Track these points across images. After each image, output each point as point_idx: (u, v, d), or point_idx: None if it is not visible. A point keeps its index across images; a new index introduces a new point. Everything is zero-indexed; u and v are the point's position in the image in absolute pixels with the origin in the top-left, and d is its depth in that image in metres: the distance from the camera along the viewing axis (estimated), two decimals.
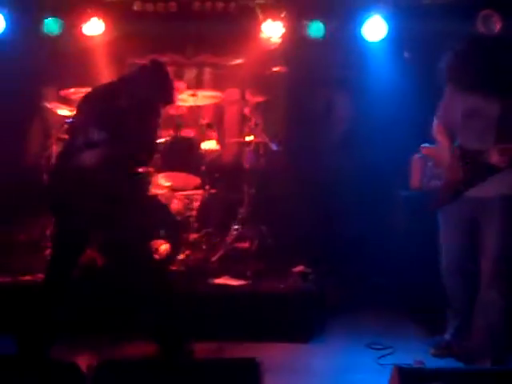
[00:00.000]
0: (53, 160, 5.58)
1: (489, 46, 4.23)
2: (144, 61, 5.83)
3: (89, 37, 6.45)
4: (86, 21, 6.38)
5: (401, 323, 4.93)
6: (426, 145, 4.47)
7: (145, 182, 5.30)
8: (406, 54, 6.38)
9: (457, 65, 4.17)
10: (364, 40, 6.36)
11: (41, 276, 5.19)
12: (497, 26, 5.93)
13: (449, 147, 4.26)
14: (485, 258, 4.14)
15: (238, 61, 6.65)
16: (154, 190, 5.53)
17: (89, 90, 5.24)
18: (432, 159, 4.43)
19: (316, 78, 6.57)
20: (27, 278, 5.28)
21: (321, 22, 6.40)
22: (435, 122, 4.43)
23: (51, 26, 6.35)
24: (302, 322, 4.89)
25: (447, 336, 4.50)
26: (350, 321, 5.16)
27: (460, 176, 4.16)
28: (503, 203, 4.09)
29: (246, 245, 5.57)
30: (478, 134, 4.14)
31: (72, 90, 6.04)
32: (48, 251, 5.43)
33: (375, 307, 5.36)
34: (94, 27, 6.41)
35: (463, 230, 4.27)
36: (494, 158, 4.03)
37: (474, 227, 4.20)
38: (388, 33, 6.30)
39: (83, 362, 3.32)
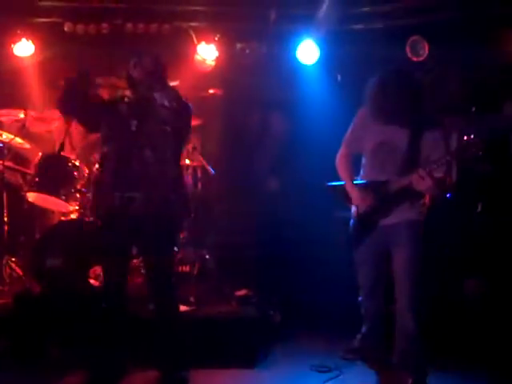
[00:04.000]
0: None
1: (408, 75, 4.28)
2: None
3: (20, 58, 6.32)
4: (16, 42, 6.25)
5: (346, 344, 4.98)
6: (332, 183, 4.54)
7: None
8: (338, 77, 6.52)
9: (376, 93, 4.24)
10: (298, 63, 6.49)
11: None
12: (424, 52, 6.17)
13: (349, 183, 4.36)
14: (397, 285, 4.26)
15: (174, 83, 6.58)
16: None
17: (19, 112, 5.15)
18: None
19: (251, 100, 6.63)
20: None
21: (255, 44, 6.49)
22: (341, 148, 4.49)
23: None
24: (246, 347, 4.86)
25: (355, 341, 4.65)
26: (295, 344, 5.18)
27: (367, 208, 4.28)
28: (408, 228, 4.22)
29: (187, 269, 5.52)
30: (384, 164, 4.24)
31: (3, 111, 5.87)
32: None
33: (320, 329, 5.39)
34: (24, 48, 6.29)
35: (375, 263, 4.40)
36: (396, 186, 4.15)
37: (385, 257, 4.33)
38: (321, 56, 6.46)
39: None
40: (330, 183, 4.56)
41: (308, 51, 6.46)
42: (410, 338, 4.23)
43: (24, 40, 6.25)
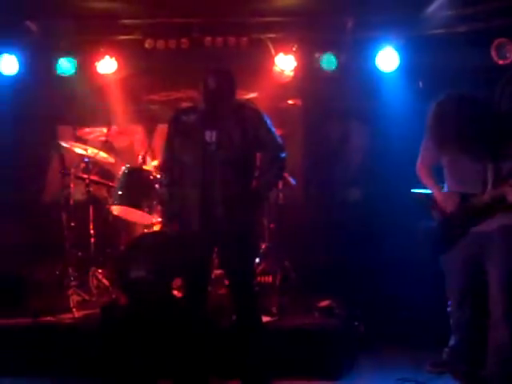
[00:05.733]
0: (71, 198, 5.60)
1: (467, 100, 4.02)
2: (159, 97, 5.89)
3: (102, 75, 6.51)
4: (99, 60, 6.44)
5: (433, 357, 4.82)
6: (417, 190, 4.42)
7: None
8: (420, 84, 6.38)
9: (433, 123, 4.06)
10: (377, 70, 6.39)
11: (64, 316, 5.17)
12: (511, 54, 5.95)
13: (435, 186, 4.22)
14: (491, 295, 4.07)
15: (252, 94, 6.66)
16: None
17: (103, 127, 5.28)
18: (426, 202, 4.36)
19: (331, 109, 6.58)
20: (49, 318, 5.21)
21: (333, 54, 6.44)
22: (419, 157, 4.33)
23: (65, 65, 6.40)
24: (329, 358, 4.81)
25: (444, 354, 4.45)
26: (380, 356, 5.09)
27: (455, 212, 4.13)
28: (503, 235, 4.03)
29: (269, 279, 5.49)
30: (464, 175, 4.09)
31: (87, 129, 6.06)
32: (71, 290, 5.39)
33: (405, 341, 5.27)
34: (107, 66, 6.48)
35: (466, 272, 4.21)
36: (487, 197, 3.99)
37: (478, 266, 4.15)
38: (401, 63, 6.35)
39: None
40: (414, 190, 4.44)
41: (387, 58, 6.36)
42: (503, 351, 4.05)
43: (107, 58, 6.44)
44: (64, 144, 5.83)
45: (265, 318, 4.94)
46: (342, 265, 6.13)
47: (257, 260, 5.48)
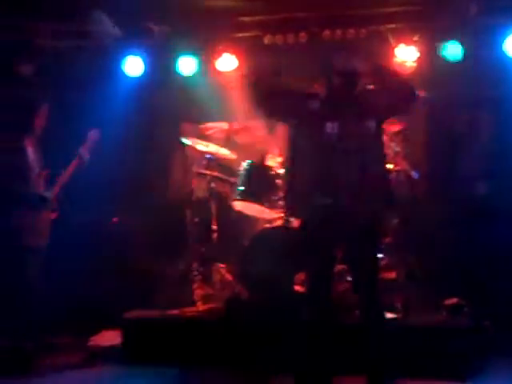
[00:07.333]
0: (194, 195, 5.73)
1: None
2: None
3: (222, 73, 6.59)
4: (219, 57, 6.53)
5: None
6: None
7: None
8: None
9: None
10: (505, 57, 6.07)
11: (188, 310, 5.30)
12: None
13: None
14: None
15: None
16: None
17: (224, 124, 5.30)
18: None
19: (455, 99, 6.32)
20: (174, 312, 5.36)
21: (457, 42, 6.19)
22: None
23: (187, 64, 6.56)
24: (458, 358, 4.64)
25: None
26: (510, 356, 4.84)
27: None
28: None
29: (393, 275, 5.37)
30: None
31: (209, 126, 6.16)
32: (195, 284, 5.50)
33: None
34: (226, 63, 6.54)
35: None
36: None
37: None
38: None
39: None
40: None
41: None
42: None
43: (227, 55, 6.51)
44: (187, 141, 5.96)
45: (389, 315, 4.84)
46: (470, 261, 5.86)
47: (380, 255, 5.39)
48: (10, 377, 4.82)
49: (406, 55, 6.31)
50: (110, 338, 5.53)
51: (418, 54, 6.28)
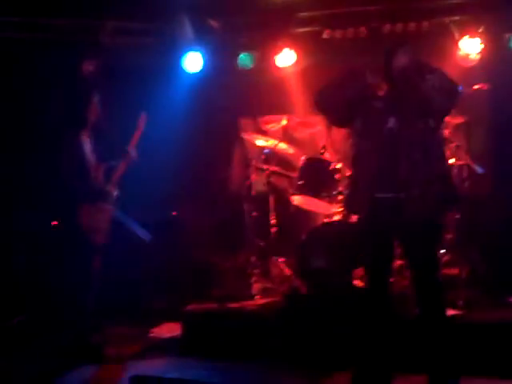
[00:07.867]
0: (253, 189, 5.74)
1: None
2: None
3: (281, 68, 6.59)
4: (277, 53, 6.53)
5: None
6: None
7: None
8: None
9: None
10: None
11: (247, 303, 5.32)
12: None
13: None
14: None
15: None
16: None
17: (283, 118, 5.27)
18: None
19: None
20: (234, 305, 5.39)
21: None
22: None
23: (245, 60, 6.57)
24: None
25: None
26: None
27: None
28: None
29: (456, 271, 5.25)
30: None
31: (268, 121, 6.17)
32: (253, 278, 5.51)
33: None
34: (285, 58, 6.54)
35: None
36: None
37: None
38: None
39: None
40: None
41: None
42: None
43: (286, 50, 6.50)
44: (246, 136, 5.97)
45: (450, 312, 4.73)
46: None
47: (442, 251, 5.28)
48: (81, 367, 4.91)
49: (470, 47, 6.17)
50: (170, 329, 5.61)
51: (482, 46, 6.13)
